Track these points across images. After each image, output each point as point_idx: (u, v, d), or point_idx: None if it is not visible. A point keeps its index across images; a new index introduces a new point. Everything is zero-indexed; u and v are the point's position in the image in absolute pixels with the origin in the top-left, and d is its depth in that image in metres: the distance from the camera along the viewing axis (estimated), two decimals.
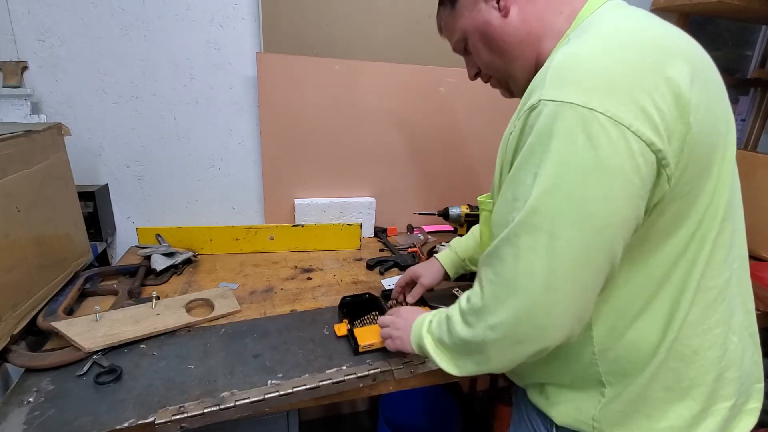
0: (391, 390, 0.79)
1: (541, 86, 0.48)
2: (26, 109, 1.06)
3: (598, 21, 0.53)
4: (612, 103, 0.44)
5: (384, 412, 1.46)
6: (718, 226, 0.52)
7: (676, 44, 0.49)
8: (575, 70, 0.47)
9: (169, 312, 0.89)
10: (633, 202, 0.46)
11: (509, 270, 0.49)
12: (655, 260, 0.51)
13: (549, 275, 0.46)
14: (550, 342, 0.49)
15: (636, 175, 0.45)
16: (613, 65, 0.46)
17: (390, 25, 1.28)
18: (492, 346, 0.53)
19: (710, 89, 0.50)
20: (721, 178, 0.52)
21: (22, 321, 0.79)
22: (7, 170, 0.76)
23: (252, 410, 0.69)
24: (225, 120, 1.25)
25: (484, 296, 0.53)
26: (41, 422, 0.62)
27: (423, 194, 1.48)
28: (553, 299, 0.47)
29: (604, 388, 0.56)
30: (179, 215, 1.31)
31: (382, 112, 1.34)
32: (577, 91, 0.45)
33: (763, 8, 1.38)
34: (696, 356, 0.54)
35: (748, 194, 1.61)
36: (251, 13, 1.18)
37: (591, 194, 0.45)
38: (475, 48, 0.67)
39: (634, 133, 0.44)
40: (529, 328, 0.49)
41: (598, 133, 0.44)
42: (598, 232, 0.46)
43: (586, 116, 0.44)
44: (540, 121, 0.47)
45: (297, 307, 0.97)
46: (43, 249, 0.86)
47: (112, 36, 1.10)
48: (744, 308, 0.60)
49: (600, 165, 0.44)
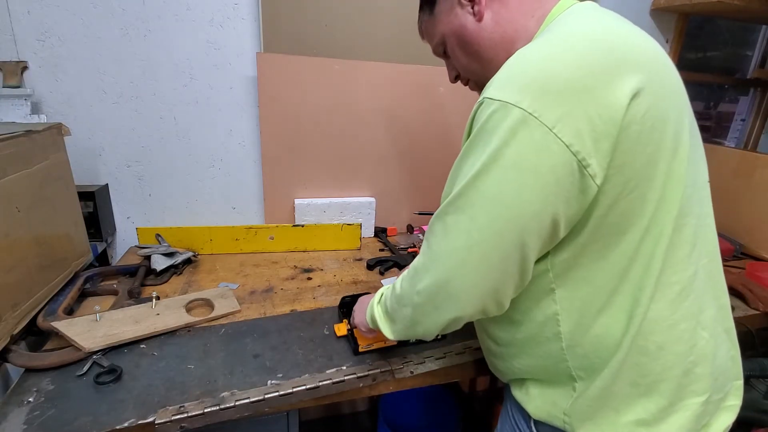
0: (391, 390, 0.79)
1: (490, 84, 0.52)
2: (26, 109, 1.06)
3: (561, 24, 0.55)
4: (540, 105, 0.47)
5: (384, 412, 1.46)
6: (673, 222, 0.53)
7: (631, 51, 0.51)
8: (517, 70, 0.50)
9: (169, 312, 0.89)
10: (546, 199, 0.49)
11: (437, 243, 0.55)
12: (613, 256, 0.53)
13: (464, 252, 0.52)
14: (462, 312, 0.54)
15: (551, 175, 0.48)
16: (552, 67, 0.49)
17: (390, 25, 1.28)
18: (416, 309, 0.58)
19: (663, 93, 0.52)
20: (672, 176, 0.53)
21: (22, 321, 0.79)
22: (7, 170, 0.76)
23: (252, 410, 0.69)
24: (225, 120, 1.25)
25: (417, 264, 0.58)
26: (41, 422, 0.63)
27: (423, 194, 1.48)
28: (465, 273, 0.52)
29: (575, 382, 0.58)
30: (179, 215, 1.31)
31: (382, 111, 1.34)
32: (513, 91, 0.48)
33: (763, 8, 1.38)
34: (661, 351, 0.55)
35: (748, 194, 1.62)
36: (251, 13, 1.18)
37: (506, 188, 0.49)
38: (452, 52, 0.70)
39: (555, 135, 0.47)
40: (445, 297, 0.54)
41: (523, 133, 0.47)
42: (508, 221, 0.50)
43: (516, 115, 0.47)
44: (481, 117, 0.51)
45: (297, 307, 0.97)
46: (43, 249, 0.86)
47: (112, 36, 1.10)
48: (717, 303, 0.61)
49: (518, 162, 0.48)
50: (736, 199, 1.39)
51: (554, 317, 0.57)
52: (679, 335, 0.55)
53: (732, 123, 1.96)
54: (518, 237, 0.50)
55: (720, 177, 1.43)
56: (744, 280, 1.15)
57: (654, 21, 1.55)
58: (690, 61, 1.76)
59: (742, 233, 1.36)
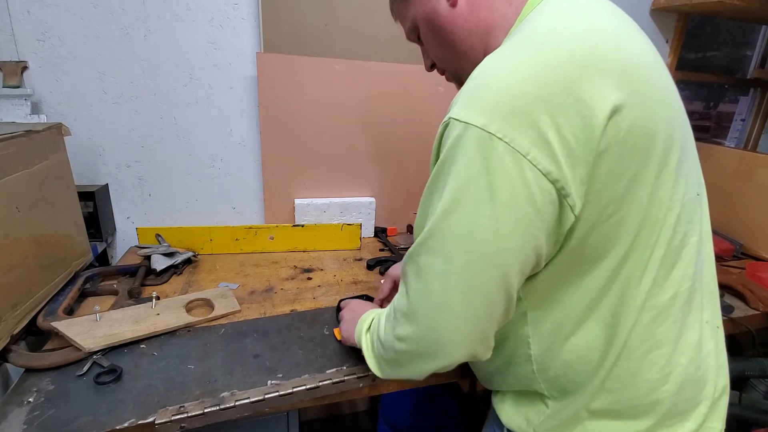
0: (391, 390, 0.79)
1: (456, 100, 0.46)
2: (26, 109, 1.06)
3: (533, 20, 0.49)
4: (510, 128, 0.42)
5: (384, 412, 1.46)
6: (653, 247, 0.49)
7: (613, 54, 0.45)
8: (484, 87, 0.45)
9: (169, 312, 0.89)
10: (527, 232, 0.44)
11: (411, 287, 0.50)
12: (586, 282, 0.50)
13: (443, 297, 0.47)
14: (451, 359, 0.50)
15: (530, 206, 0.43)
16: (520, 84, 0.43)
17: (390, 25, 1.26)
18: (400, 356, 0.54)
19: (649, 105, 0.46)
20: (656, 197, 0.48)
21: (22, 321, 0.79)
22: (7, 170, 0.76)
23: (252, 410, 0.69)
24: (225, 120, 1.25)
25: (398, 306, 0.54)
26: (41, 422, 0.62)
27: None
28: (446, 319, 0.48)
29: (549, 400, 0.57)
30: (179, 215, 1.31)
31: (382, 111, 1.34)
32: (480, 112, 0.43)
33: (763, 8, 1.38)
34: (633, 379, 0.52)
35: (748, 194, 1.62)
36: (251, 13, 1.18)
37: (481, 223, 0.44)
38: (425, 39, 0.63)
39: (530, 162, 0.42)
40: (429, 345, 0.50)
41: (493, 160, 0.42)
42: (488, 261, 0.45)
43: (484, 140, 0.42)
44: (449, 141, 0.46)
45: (297, 307, 0.97)
46: (43, 249, 0.86)
47: (112, 36, 1.10)
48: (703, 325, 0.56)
49: (492, 194, 0.43)
50: (736, 199, 1.39)
51: (525, 339, 0.55)
52: (653, 362, 0.52)
53: (732, 123, 1.96)
54: (500, 276, 0.46)
55: (720, 177, 1.43)
56: (744, 280, 1.15)
57: (654, 21, 1.55)
58: (690, 61, 1.76)
59: (742, 233, 1.36)
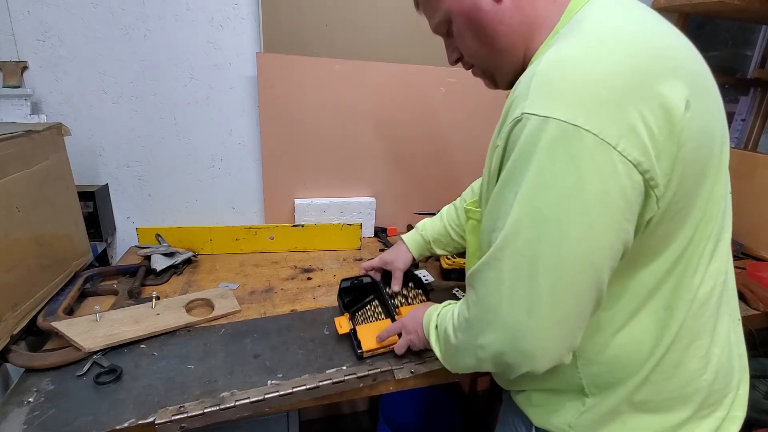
0: (391, 390, 0.79)
1: (525, 96, 0.45)
2: (26, 109, 1.06)
3: (590, 17, 0.48)
4: (598, 120, 0.41)
5: (384, 412, 1.46)
6: (705, 242, 0.50)
7: (675, 54, 0.46)
8: (561, 80, 0.43)
9: (169, 312, 0.89)
10: (618, 227, 0.43)
11: (492, 294, 0.48)
12: (642, 277, 0.50)
13: (531, 302, 0.45)
14: (537, 367, 0.48)
15: (621, 198, 0.42)
16: (603, 76, 0.42)
17: (390, 25, 1.28)
18: (483, 363, 0.53)
19: (707, 103, 0.47)
20: (714, 193, 0.50)
21: (22, 321, 0.79)
22: (7, 170, 0.76)
23: (252, 410, 0.69)
24: (225, 120, 1.25)
25: (470, 316, 0.53)
26: (41, 422, 0.62)
27: (423, 194, 1.48)
28: (535, 326, 0.46)
29: (586, 397, 0.56)
30: (179, 215, 1.31)
31: (382, 111, 1.34)
32: (562, 105, 0.42)
33: (763, 8, 1.38)
34: (677, 369, 0.53)
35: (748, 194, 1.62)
36: (251, 13, 1.18)
37: (572, 220, 0.42)
38: (460, 34, 0.59)
39: (620, 153, 0.41)
40: (516, 354, 0.48)
41: (581, 153, 0.41)
42: (580, 259, 0.43)
43: (570, 134, 0.41)
44: (523, 138, 0.44)
45: (297, 307, 0.97)
46: (43, 249, 0.86)
47: (112, 36, 1.10)
48: (730, 317, 0.59)
49: (582, 189, 0.41)
50: (736, 199, 1.37)
51: None
52: (695, 352, 0.53)
53: (732, 123, 1.96)
54: (593, 274, 0.44)
55: None
56: (745, 280, 1.15)
57: None
58: None
59: (742, 233, 1.36)
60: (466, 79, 1.36)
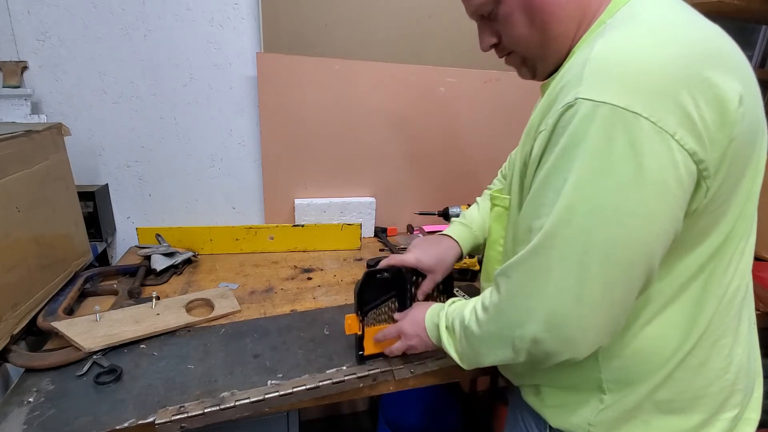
0: (391, 390, 0.79)
1: (578, 82, 0.43)
2: (26, 109, 1.06)
3: (640, 10, 0.47)
4: (657, 108, 0.40)
5: (384, 412, 1.46)
6: (739, 240, 0.50)
7: (728, 51, 0.46)
8: (618, 66, 0.42)
9: (169, 312, 0.89)
10: (673, 215, 0.43)
11: (536, 282, 0.47)
12: (676, 270, 0.49)
13: (581, 289, 0.44)
14: (578, 354, 0.48)
15: (678, 187, 0.42)
16: (660, 65, 0.41)
17: (390, 25, 1.28)
18: (520, 353, 0.51)
19: (756, 102, 0.47)
20: (752, 191, 0.50)
21: (22, 321, 0.79)
22: (7, 170, 0.76)
23: (252, 410, 0.69)
24: (225, 120, 1.25)
25: (505, 306, 0.51)
26: (41, 422, 0.62)
27: (423, 194, 1.48)
28: (582, 312, 0.45)
29: (603, 394, 0.55)
30: (179, 215, 1.31)
31: (382, 111, 1.34)
32: (620, 92, 0.41)
33: (763, 8, 1.38)
34: (702, 368, 0.52)
35: None
36: (251, 13, 1.18)
37: (629, 208, 0.42)
38: (509, 17, 0.55)
39: (677, 142, 0.40)
40: (559, 342, 0.47)
41: (640, 141, 0.40)
42: (635, 248, 0.43)
43: (628, 120, 0.40)
44: (575, 122, 0.43)
45: (297, 307, 0.97)
46: (43, 249, 0.86)
47: (112, 36, 1.10)
48: (749, 319, 0.59)
49: (640, 177, 0.41)
50: None
51: None
52: (719, 350, 0.53)
53: None
54: (647, 262, 0.44)
55: None
56: None
57: None
58: None
59: None
60: (465, 80, 1.37)
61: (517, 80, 0.68)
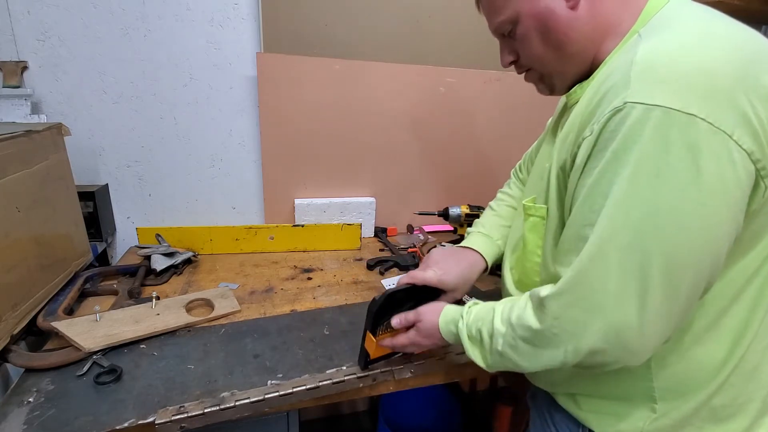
0: (391, 390, 0.79)
1: (625, 86, 0.43)
2: (26, 109, 1.06)
3: (675, 16, 0.48)
4: (712, 108, 0.40)
5: (384, 412, 1.46)
6: None
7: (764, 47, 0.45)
8: (667, 68, 0.42)
9: (169, 312, 0.89)
10: (733, 217, 0.42)
11: (596, 293, 0.45)
12: (731, 275, 0.48)
13: (643, 297, 0.43)
14: (636, 362, 0.47)
15: (737, 188, 0.41)
16: (712, 65, 0.41)
17: (390, 24, 1.28)
18: (569, 364, 0.50)
19: None
20: None
21: (22, 321, 0.79)
22: (7, 170, 0.76)
23: (252, 410, 0.69)
24: (225, 120, 1.25)
25: (561, 322, 0.48)
26: (41, 422, 0.62)
27: (423, 194, 1.48)
28: (645, 321, 0.44)
29: (655, 403, 0.53)
30: (179, 215, 1.31)
31: (382, 111, 1.34)
32: (672, 94, 0.40)
33: (763, 8, 1.38)
34: (755, 372, 0.52)
35: None
36: (251, 13, 1.18)
37: (690, 212, 0.41)
38: (526, 36, 0.57)
39: (735, 142, 0.40)
40: (618, 351, 0.46)
41: (697, 143, 0.40)
42: (696, 252, 0.42)
43: (684, 123, 0.40)
44: (627, 126, 0.42)
45: (297, 307, 0.97)
46: (43, 249, 0.86)
47: (112, 36, 1.10)
48: None
49: (700, 179, 0.40)
50: None
51: None
52: None
53: None
54: (709, 266, 0.43)
55: None
56: None
57: None
58: None
59: None
60: (465, 80, 1.37)
61: (516, 80, 0.69)
